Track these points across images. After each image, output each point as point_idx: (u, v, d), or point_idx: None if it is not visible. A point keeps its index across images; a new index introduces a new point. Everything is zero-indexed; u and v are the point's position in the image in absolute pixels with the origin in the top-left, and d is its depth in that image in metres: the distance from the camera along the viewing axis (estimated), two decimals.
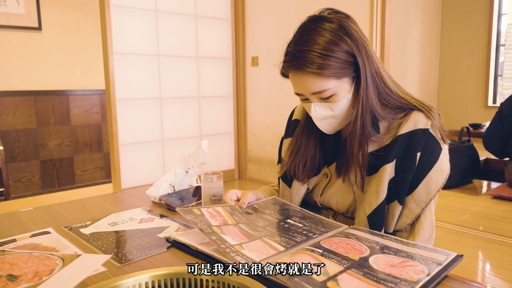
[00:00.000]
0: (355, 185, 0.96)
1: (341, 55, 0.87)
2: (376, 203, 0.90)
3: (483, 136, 3.30)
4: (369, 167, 0.93)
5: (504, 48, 5.55)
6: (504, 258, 2.12)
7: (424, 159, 0.90)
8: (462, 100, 5.82)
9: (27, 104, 3.88)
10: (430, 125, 0.91)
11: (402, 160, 0.90)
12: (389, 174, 0.90)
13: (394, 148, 0.90)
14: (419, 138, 0.90)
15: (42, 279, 0.74)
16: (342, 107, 0.92)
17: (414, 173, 0.90)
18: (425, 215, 0.92)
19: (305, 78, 0.88)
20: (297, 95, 0.96)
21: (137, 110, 3.31)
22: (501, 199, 3.03)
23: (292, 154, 1.06)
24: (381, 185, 0.90)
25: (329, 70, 0.86)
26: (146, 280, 0.65)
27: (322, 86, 0.88)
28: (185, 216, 0.88)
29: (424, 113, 0.92)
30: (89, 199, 1.31)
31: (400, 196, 0.90)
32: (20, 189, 3.90)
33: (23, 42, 3.84)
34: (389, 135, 0.93)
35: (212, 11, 3.72)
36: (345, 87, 0.91)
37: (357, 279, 0.65)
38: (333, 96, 0.90)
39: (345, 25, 0.89)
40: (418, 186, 0.90)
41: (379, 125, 0.94)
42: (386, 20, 2.96)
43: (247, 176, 4.09)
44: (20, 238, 0.96)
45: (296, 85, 0.93)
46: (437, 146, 0.91)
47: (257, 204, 1.02)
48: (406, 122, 0.92)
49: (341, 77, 0.89)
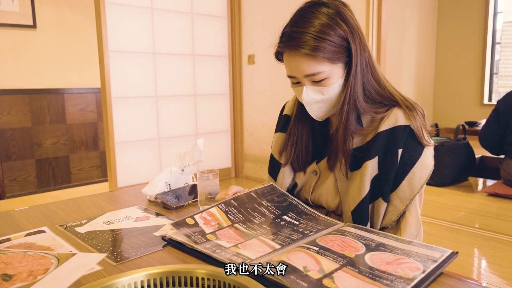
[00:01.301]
0: (339, 179, 0.97)
1: (336, 39, 0.88)
2: (359, 198, 0.91)
3: (479, 134, 3.31)
4: (353, 161, 0.94)
5: (500, 46, 5.58)
6: (500, 255, 2.13)
7: (406, 155, 0.90)
8: (458, 98, 5.84)
9: (22, 103, 3.85)
10: (412, 122, 0.90)
11: (384, 157, 0.90)
12: (372, 171, 0.91)
13: (375, 145, 0.91)
14: (399, 134, 0.90)
15: (36, 278, 0.73)
16: (333, 91, 0.93)
17: (397, 170, 0.90)
18: (410, 211, 0.92)
19: (299, 59, 0.89)
20: (289, 78, 0.96)
21: (133, 109, 3.30)
22: (497, 197, 3.04)
23: (287, 147, 1.07)
24: (363, 181, 0.91)
25: (323, 52, 0.87)
26: (141, 279, 0.65)
27: (315, 69, 0.89)
28: (178, 229, 0.87)
29: (406, 109, 0.92)
30: (84, 197, 1.31)
31: (384, 193, 0.91)
32: (15, 188, 3.89)
33: (17, 40, 3.81)
34: (371, 128, 0.93)
35: (208, 9, 3.71)
36: (338, 72, 0.91)
37: (353, 277, 0.65)
38: (325, 80, 0.91)
39: (342, 11, 0.90)
40: (401, 182, 0.90)
41: (361, 118, 0.95)
42: (383, 18, 2.96)
43: (244, 174, 4.09)
44: (15, 237, 0.96)
45: (290, 66, 0.93)
46: (419, 142, 0.91)
47: (254, 192, 1.02)
48: (387, 118, 0.92)
49: (334, 61, 0.90)
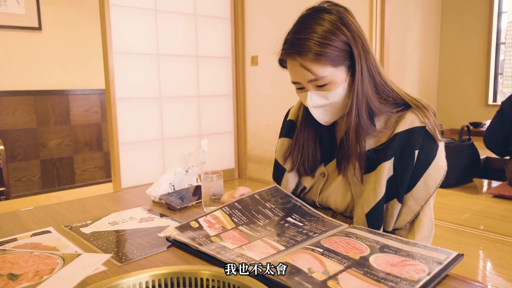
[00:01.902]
0: (353, 183, 0.96)
1: (338, 44, 0.89)
2: (374, 201, 0.91)
3: (484, 135, 3.29)
4: (368, 164, 0.94)
5: (504, 46, 5.55)
6: (505, 257, 2.12)
7: (422, 156, 0.91)
8: (462, 99, 5.82)
9: (27, 104, 3.88)
10: (426, 122, 0.92)
11: (400, 158, 0.91)
12: (388, 172, 0.91)
13: (392, 146, 0.91)
14: (416, 135, 0.90)
15: (42, 278, 0.74)
16: (338, 96, 0.93)
17: (413, 171, 0.90)
18: (424, 212, 0.92)
19: (302, 65, 0.90)
20: (293, 84, 0.97)
21: (137, 110, 3.31)
22: (502, 198, 3.02)
23: (293, 152, 1.07)
24: (379, 183, 0.91)
25: (326, 58, 0.88)
26: (146, 280, 0.65)
27: (318, 74, 0.90)
28: (182, 233, 0.87)
29: (420, 111, 0.93)
30: (89, 198, 1.31)
31: (399, 194, 0.91)
32: (20, 188, 3.91)
33: (23, 42, 3.84)
34: (387, 130, 0.94)
35: (211, 10, 3.72)
36: (341, 76, 0.92)
37: (358, 278, 0.65)
38: (329, 84, 0.92)
39: (344, 16, 0.91)
40: (417, 183, 0.90)
41: (374, 120, 0.95)
42: (386, 19, 2.95)
43: (247, 176, 4.09)
44: (21, 237, 0.96)
45: (294, 73, 0.94)
46: (434, 144, 0.92)
47: (258, 194, 1.02)
48: (403, 120, 0.92)
49: (337, 65, 0.90)
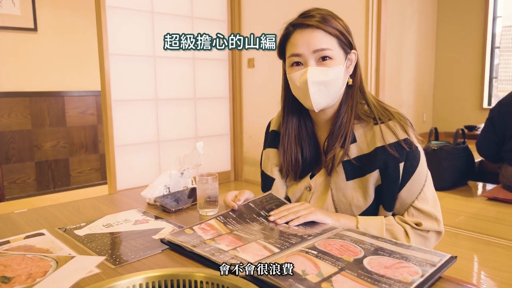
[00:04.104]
0: (335, 188, 0.99)
1: (341, 24, 0.96)
2: (365, 206, 0.96)
3: (476, 144, 3.29)
4: (353, 170, 0.97)
5: (499, 50, 5.59)
6: (499, 259, 2.13)
7: (408, 164, 0.94)
8: (457, 102, 5.85)
9: (22, 105, 3.86)
10: (409, 134, 0.95)
11: (385, 171, 0.94)
12: (375, 181, 0.95)
13: (375, 159, 0.94)
14: (400, 149, 0.93)
15: (35, 280, 0.73)
16: (336, 76, 0.96)
17: (400, 182, 0.94)
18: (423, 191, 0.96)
19: (312, 33, 0.94)
20: (293, 57, 0.97)
21: (133, 112, 3.30)
22: (496, 201, 3.04)
23: (281, 156, 1.09)
24: (367, 191, 0.95)
25: (332, 28, 0.94)
26: (140, 282, 0.65)
27: (326, 43, 0.94)
28: (177, 239, 0.87)
29: (400, 122, 0.96)
30: (84, 200, 1.31)
31: (385, 204, 0.95)
32: (15, 190, 3.88)
33: (18, 43, 3.82)
34: (368, 139, 0.97)
35: (208, 13, 3.72)
36: (340, 58, 0.97)
37: (352, 281, 0.65)
38: (330, 60, 0.95)
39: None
40: (402, 189, 0.95)
41: (354, 133, 0.99)
42: (382, 22, 2.97)
43: (243, 178, 4.09)
44: (14, 239, 0.96)
45: (301, 42, 0.95)
46: (416, 152, 0.96)
47: (253, 203, 1.02)
48: (386, 131, 0.95)
49: (341, 46, 0.96)
